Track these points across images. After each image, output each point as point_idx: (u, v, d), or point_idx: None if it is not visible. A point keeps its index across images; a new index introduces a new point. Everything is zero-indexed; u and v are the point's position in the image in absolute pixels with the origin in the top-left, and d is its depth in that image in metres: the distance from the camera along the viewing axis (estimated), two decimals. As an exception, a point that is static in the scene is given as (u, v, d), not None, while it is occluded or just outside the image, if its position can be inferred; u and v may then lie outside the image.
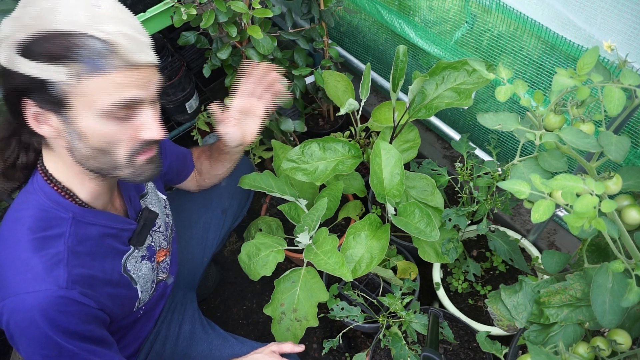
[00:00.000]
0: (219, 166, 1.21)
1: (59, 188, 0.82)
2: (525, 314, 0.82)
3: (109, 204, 0.93)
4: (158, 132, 0.79)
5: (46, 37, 0.69)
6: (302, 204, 1.26)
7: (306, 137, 1.49)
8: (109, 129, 0.75)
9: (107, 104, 0.73)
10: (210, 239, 1.34)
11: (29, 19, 0.69)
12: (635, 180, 0.70)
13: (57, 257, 0.79)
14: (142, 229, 0.97)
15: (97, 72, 0.70)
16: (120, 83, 0.72)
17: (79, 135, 0.75)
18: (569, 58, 1.02)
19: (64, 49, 0.69)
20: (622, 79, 0.61)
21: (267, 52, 1.21)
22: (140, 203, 1.02)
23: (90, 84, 0.71)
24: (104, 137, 0.76)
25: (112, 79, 0.71)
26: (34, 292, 0.75)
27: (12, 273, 0.77)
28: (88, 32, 0.69)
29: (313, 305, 1.15)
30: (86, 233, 0.84)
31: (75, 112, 0.73)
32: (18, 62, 0.70)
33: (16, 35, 0.69)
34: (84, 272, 0.82)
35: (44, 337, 0.77)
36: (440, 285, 1.28)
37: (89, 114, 0.73)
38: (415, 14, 1.35)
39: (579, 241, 1.35)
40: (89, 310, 0.82)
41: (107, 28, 0.70)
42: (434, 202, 1.20)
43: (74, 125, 0.74)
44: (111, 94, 0.72)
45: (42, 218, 0.80)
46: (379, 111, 1.35)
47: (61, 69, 0.70)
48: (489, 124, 0.68)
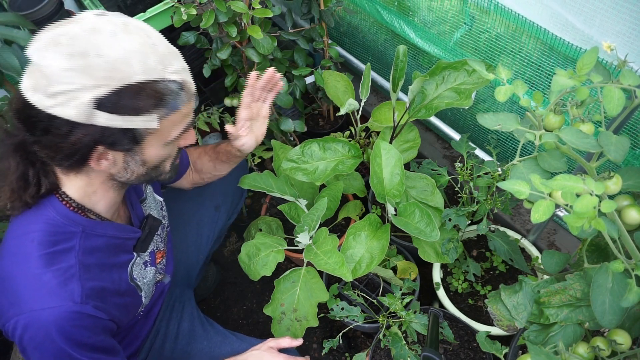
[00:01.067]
0: (224, 167, 1.22)
1: (71, 205, 0.82)
2: (525, 314, 0.82)
3: (117, 212, 0.93)
4: (193, 138, 0.89)
5: (131, 91, 0.69)
6: (302, 204, 1.26)
7: (306, 137, 1.49)
8: (168, 150, 0.83)
9: (177, 134, 0.80)
10: (205, 237, 1.34)
11: (103, 73, 0.67)
12: (635, 180, 0.70)
13: (69, 272, 0.79)
14: (146, 236, 0.98)
15: (173, 111, 0.76)
16: (185, 114, 0.79)
17: (142, 162, 0.80)
18: (567, 59, 1.03)
19: (153, 100, 0.71)
20: (622, 79, 0.61)
21: (267, 52, 1.21)
22: (142, 207, 1.02)
23: (166, 122, 0.76)
24: (162, 157, 0.83)
25: (181, 112, 0.78)
26: (50, 309, 0.76)
27: (25, 289, 0.76)
28: (166, 77, 0.72)
29: (313, 305, 1.15)
30: (94, 245, 0.85)
31: (145, 145, 0.77)
32: (98, 116, 0.69)
33: (92, 92, 0.67)
34: (96, 285, 0.82)
35: (57, 351, 0.77)
36: (440, 285, 1.28)
37: (156, 145, 0.79)
38: (415, 15, 1.35)
39: (579, 241, 1.35)
40: (101, 322, 0.83)
41: (174, 67, 0.74)
42: (434, 202, 1.20)
43: (140, 156, 0.79)
44: (179, 127, 0.80)
45: (52, 233, 0.80)
46: (379, 111, 1.35)
47: (152, 117, 0.73)
48: (489, 124, 0.68)
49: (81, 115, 0.68)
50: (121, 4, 1.39)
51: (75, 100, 0.67)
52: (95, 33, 0.68)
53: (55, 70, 0.66)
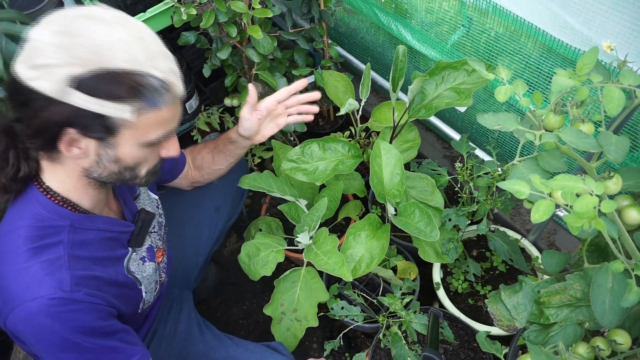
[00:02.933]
0: (222, 159, 1.21)
1: (55, 198, 0.82)
2: (525, 314, 0.82)
3: (106, 207, 0.93)
4: (177, 151, 0.87)
5: (109, 76, 0.69)
6: (302, 204, 1.26)
7: (306, 137, 1.49)
8: (144, 153, 0.81)
9: (155, 137, 0.78)
10: (204, 238, 1.33)
11: (84, 53, 0.68)
12: (635, 180, 0.70)
13: (57, 263, 0.78)
14: (140, 230, 0.98)
15: (153, 109, 0.74)
16: (167, 118, 0.78)
17: (115, 158, 0.79)
18: (566, 61, 1.02)
19: (129, 89, 0.71)
20: (622, 79, 0.61)
21: (267, 52, 1.21)
22: (135, 204, 1.02)
23: (144, 119, 0.75)
24: (138, 159, 0.81)
25: (162, 114, 0.76)
26: (40, 298, 0.75)
27: (15, 283, 0.76)
28: (148, 71, 0.72)
29: (313, 305, 1.15)
30: (85, 239, 0.84)
31: (120, 140, 0.76)
32: (72, 95, 0.69)
33: (70, 69, 0.68)
34: (87, 274, 0.82)
35: (60, 340, 0.77)
36: (440, 285, 1.29)
37: (132, 143, 0.77)
38: (412, 17, 1.35)
39: (579, 241, 1.35)
40: (100, 307, 0.82)
41: (161, 65, 0.74)
42: (434, 202, 1.20)
43: (113, 151, 0.77)
44: (158, 129, 0.78)
45: (39, 227, 0.80)
46: (379, 111, 1.35)
47: (125, 107, 0.72)
48: (489, 124, 0.68)
49: (55, 90, 0.68)
50: (121, 4, 1.39)
51: (52, 76, 0.68)
52: (89, 18, 0.70)
53: (41, 44, 0.68)
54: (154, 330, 1.15)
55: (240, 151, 1.20)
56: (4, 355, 1.38)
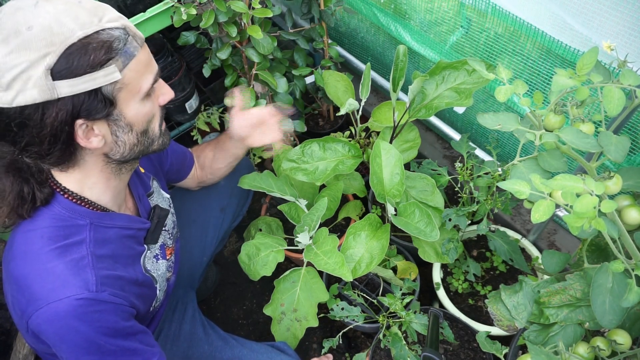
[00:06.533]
0: (222, 157, 1.22)
1: (73, 197, 0.81)
2: (525, 314, 0.82)
3: (123, 204, 0.93)
4: (171, 92, 0.86)
5: (77, 50, 0.68)
6: (302, 204, 1.26)
7: (306, 137, 1.49)
8: (148, 107, 0.81)
9: (147, 85, 0.78)
10: (210, 238, 1.34)
11: (43, 42, 0.66)
12: (635, 180, 0.70)
13: (82, 262, 0.78)
14: (155, 226, 0.98)
15: (131, 58, 0.73)
16: (146, 61, 0.77)
17: (129, 126, 0.78)
18: (565, 62, 1.02)
19: (102, 51, 0.70)
20: (622, 79, 0.61)
21: (267, 52, 1.22)
22: (149, 201, 1.02)
23: (129, 72, 0.74)
24: (146, 116, 0.81)
25: (140, 59, 0.75)
26: (66, 299, 0.75)
27: (40, 283, 0.76)
28: (104, 27, 0.70)
29: (313, 305, 1.15)
30: (105, 237, 0.84)
31: (121, 106, 0.76)
32: (59, 87, 0.67)
33: (39, 65, 0.66)
34: (111, 274, 0.81)
35: (84, 341, 0.76)
36: (441, 285, 1.29)
37: (132, 102, 0.77)
38: (411, 18, 1.35)
39: (579, 241, 1.35)
40: (123, 307, 0.82)
41: (109, 16, 0.72)
42: (434, 202, 1.20)
43: (123, 119, 0.77)
44: (146, 75, 0.77)
45: (61, 227, 0.79)
46: (379, 111, 1.35)
47: (109, 69, 0.71)
48: (489, 124, 0.68)
49: (43, 92, 0.67)
50: (121, 4, 1.39)
51: (30, 80, 0.66)
52: (18, 11, 0.68)
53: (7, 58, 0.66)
54: (160, 329, 1.15)
55: (238, 151, 1.21)
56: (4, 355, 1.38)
